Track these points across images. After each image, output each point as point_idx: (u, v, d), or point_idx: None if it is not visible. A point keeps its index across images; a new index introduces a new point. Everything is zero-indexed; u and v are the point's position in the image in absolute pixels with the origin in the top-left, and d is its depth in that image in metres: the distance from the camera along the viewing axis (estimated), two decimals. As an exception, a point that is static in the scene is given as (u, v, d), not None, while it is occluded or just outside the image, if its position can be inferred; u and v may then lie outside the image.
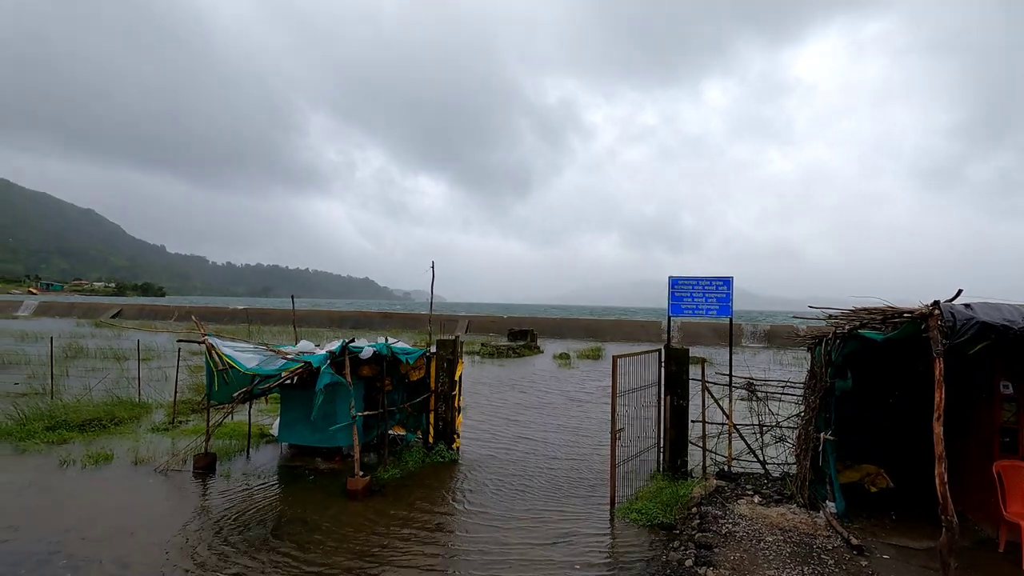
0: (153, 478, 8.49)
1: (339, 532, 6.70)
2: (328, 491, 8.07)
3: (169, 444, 10.09)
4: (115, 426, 11.28)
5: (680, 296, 8.78)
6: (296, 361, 8.23)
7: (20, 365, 18.72)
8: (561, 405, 15.35)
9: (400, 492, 8.12)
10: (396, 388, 10.14)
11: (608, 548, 6.39)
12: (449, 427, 10.02)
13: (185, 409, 12.48)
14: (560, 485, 8.58)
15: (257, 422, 10.88)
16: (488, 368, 23.41)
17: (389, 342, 9.30)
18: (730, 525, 6.33)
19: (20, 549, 6.00)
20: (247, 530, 6.69)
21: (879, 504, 6.96)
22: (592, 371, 23.05)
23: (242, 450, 9.95)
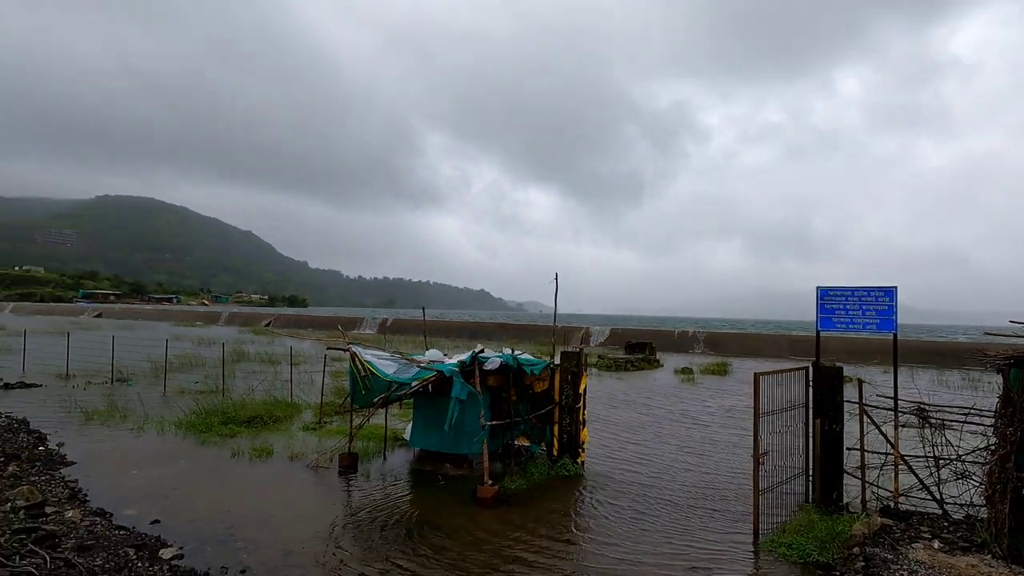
0: (305, 473, 9.33)
1: (470, 538, 6.85)
2: (458, 497, 8.32)
3: (316, 442, 11.06)
4: (273, 423, 12.61)
5: (831, 308, 7.91)
6: (429, 370, 8.63)
7: (198, 367, 21.72)
8: (685, 424, 14.55)
9: (527, 503, 8.14)
10: (520, 399, 10.24)
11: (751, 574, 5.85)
12: (574, 441, 9.90)
13: (329, 411, 13.64)
14: (691, 510, 8.06)
15: (391, 426, 11.57)
16: (607, 381, 22.93)
17: (515, 353, 9.43)
18: (905, 572, 5.51)
19: (205, 529, 6.86)
20: (387, 528, 7.09)
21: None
22: (717, 388, 21.65)
23: (379, 452, 10.62)
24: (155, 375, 18.92)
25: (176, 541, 6.41)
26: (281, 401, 14.49)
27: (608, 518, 7.69)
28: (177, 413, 12.98)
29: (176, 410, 13.37)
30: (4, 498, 6.92)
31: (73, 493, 7.82)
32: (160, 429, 11.90)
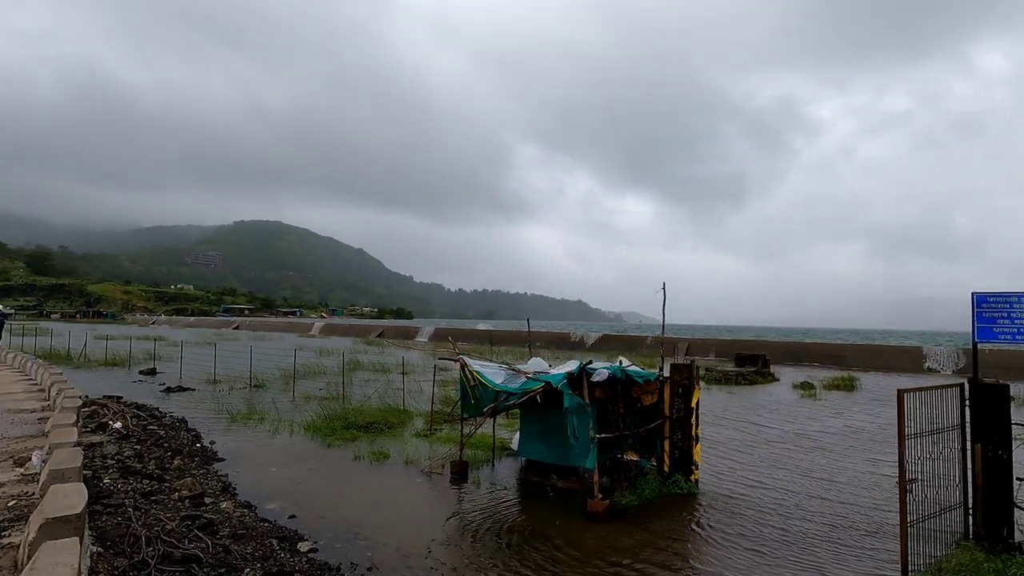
0: (420, 478, 9.76)
1: (583, 551, 6.77)
2: (567, 510, 8.26)
3: (428, 449, 11.54)
4: (388, 429, 13.35)
5: (991, 317, 6.93)
6: (537, 380, 8.70)
7: (320, 375, 23.58)
8: (806, 445, 13.35)
9: (639, 520, 7.90)
10: (628, 412, 9.99)
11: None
12: (686, 457, 9.48)
13: (439, 419, 14.19)
14: (818, 543, 7.32)
15: (498, 436, 11.79)
16: (716, 395, 21.73)
17: (623, 365, 9.25)
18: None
19: (334, 526, 7.40)
20: (500, 536, 7.21)
21: None
22: (842, 405, 19.70)
23: (487, 461, 10.85)
24: (285, 382, 20.81)
25: (311, 536, 6.97)
26: (394, 408, 15.31)
27: (725, 544, 7.23)
28: (305, 417, 14.17)
29: (304, 414, 14.60)
30: (173, 488, 7.94)
31: (225, 486, 8.78)
32: (291, 431, 13.04)
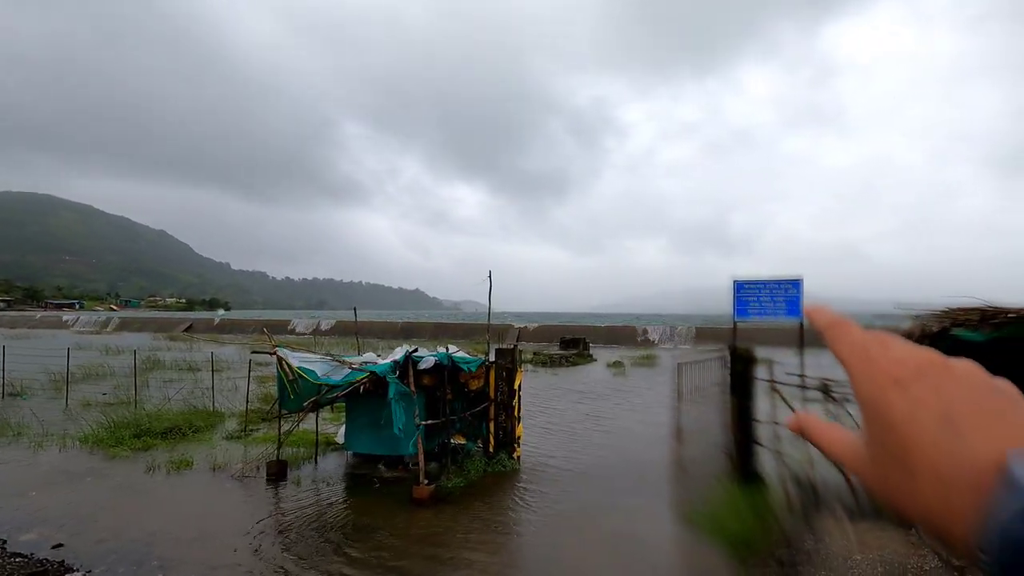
0: (230, 483, 8.88)
1: (408, 538, 6.79)
2: (395, 498, 8.21)
3: (242, 451, 10.55)
4: (193, 434, 11.89)
5: (745, 300, 8.46)
6: (362, 371, 8.45)
7: (106, 377, 20.08)
8: (618, 413, 15.07)
9: (465, 500, 8.16)
10: (456, 397, 10.23)
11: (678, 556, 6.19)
12: (509, 436, 10.01)
13: (255, 418, 13.03)
14: (624, 491, 8.41)
15: (323, 431, 11.22)
16: (542, 377, 23.31)
17: (450, 351, 9.41)
18: (814, 541, 6.00)
19: (117, 549, 6.39)
20: (321, 534, 6.89)
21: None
22: (647, 378, 22.56)
23: (310, 458, 10.27)
24: (56, 388, 17.32)
25: (83, 565, 5.94)
26: (202, 410, 13.68)
27: (542, 507, 7.85)
28: (82, 427, 11.96)
29: (81, 424, 12.31)
30: None
31: (-43, 522, 7.04)
32: (62, 445, 10.91)
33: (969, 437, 0.45)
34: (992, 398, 0.45)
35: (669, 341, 41.78)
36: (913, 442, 0.45)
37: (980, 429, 0.45)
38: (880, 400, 0.45)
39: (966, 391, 0.45)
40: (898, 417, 0.45)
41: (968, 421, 0.45)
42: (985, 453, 0.45)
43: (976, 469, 0.45)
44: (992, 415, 0.45)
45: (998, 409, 0.45)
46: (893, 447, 0.45)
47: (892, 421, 0.45)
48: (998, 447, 0.45)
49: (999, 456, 0.45)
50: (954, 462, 0.45)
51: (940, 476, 0.45)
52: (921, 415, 0.45)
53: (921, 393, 0.45)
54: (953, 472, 0.45)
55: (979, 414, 0.45)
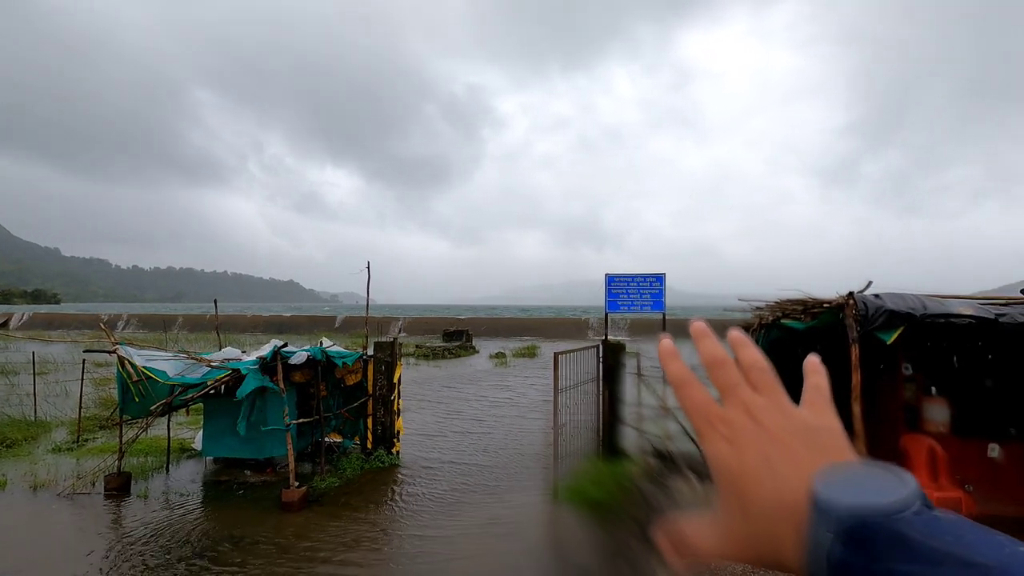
0: (56, 504, 7.68)
1: (275, 546, 6.35)
2: (261, 505, 7.64)
3: (74, 465, 9.18)
4: (7, 448, 10.11)
5: (616, 293, 9.04)
6: (222, 368, 7.73)
7: None
8: (500, 402, 15.38)
9: (339, 501, 7.82)
10: (332, 394, 9.75)
11: (552, 532, 6.48)
12: (388, 431, 9.77)
13: (91, 425, 11.40)
14: (503, 479, 8.60)
15: (177, 436, 10.12)
16: (424, 369, 23.07)
17: (324, 345, 8.94)
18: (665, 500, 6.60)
19: None
20: (170, 552, 6.20)
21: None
22: (528, 368, 23.28)
23: (161, 467, 9.21)
24: None
25: None
26: (19, 420, 11.68)
27: (422, 502, 7.78)
28: None
29: None
30: None
31: None
32: None
33: (782, 471, 0.50)
34: (802, 434, 0.51)
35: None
36: (746, 488, 0.50)
37: (790, 463, 0.50)
38: (719, 457, 0.50)
39: (778, 433, 0.50)
40: (733, 469, 0.50)
41: (779, 458, 0.50)
42: (796, 483, 0.50)
43: (792, 499, 0.50)
44: (801, 449, 0.50)
45: (808, 442, 0.50)
46: (734, 497, 0.51)
47: (730, 474, 0.50)
48: (806, 475, 0.50)
49: (806, 482, 0.50)
50: (775, 497, 0.50)
51: (767, 514, 0.50)
52: (747, 464, 0.50)
53: (745, 445, 0.50)
54: (776, 507, 0.50)
55: (786, 450, 0.50)
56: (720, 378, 0.51)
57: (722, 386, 0.51)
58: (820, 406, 0.51)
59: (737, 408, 0.51)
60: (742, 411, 0.51)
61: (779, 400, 0.51)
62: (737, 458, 0.50)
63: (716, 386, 0.51)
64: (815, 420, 0.51)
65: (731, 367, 0.51)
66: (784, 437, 0.51)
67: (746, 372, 0.51)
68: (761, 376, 0.51)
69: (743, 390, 0.51)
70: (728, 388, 0.51)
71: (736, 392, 0.51)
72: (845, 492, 0.50)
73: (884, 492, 0.51)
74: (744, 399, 0.51)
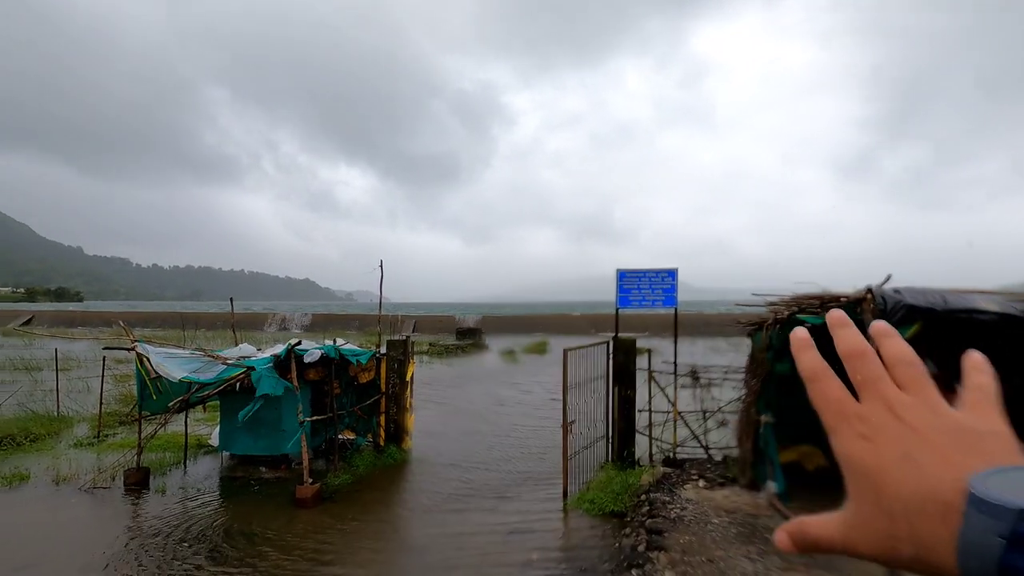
0: (78, 497, 7.84)
1: (289, 541, 6.42)
2: (276, 501, 7.73)
3: (95, 460, 9.37)
4: (31, 443, 10.35)
5: (628, 288, 8.96)
6: (238, 366, 7.82)
7: (-87, 382, 16.84)
8: (507, 401, 15.39)
9: (352, 497, 7.89)
10: (345, 391, 9.82)
11: (562, 538, 6.45)
12: (400, 428, 9.83)
13: (111, 421, 11.63)
14: (512, 479, 8.59)
15: (194, 432, 10.27)
16: (437, 367, 23.17)
17: (337, 343, 9.00)
18: (678, 510, 6.53)
19: (-78, 585, 5.39)
20: (188, 547, 6.30)
21: (816, 482, 7.37)
22: (538, 365, 23.27)
23: (178, 463, 9.36)
24: None
25: None
26: (42, 415, 11.94)
27: (432, 499, 7.81)
28: None
29: None
30: None
31: None
32: None
33: (930, 470, 0.48)
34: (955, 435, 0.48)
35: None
36: (884, 485, 0.48)
37: (940, 462, 0.48)
38: (853, 454, 0.48)
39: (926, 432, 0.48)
40: (870, 466, 0.48)
41: (926, 456, 0.48)
42: (945, 482, 0.48)
43: (940, 498, 0.48)
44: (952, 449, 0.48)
45: (962, 444, 0.48)
46: (869, 494, 0.48)
47: (865, 471, 0.48)
48: (957, 474, 0.48)
49: (960, 482, 0.48)
50: (919, 494, 0.48)
51: (910, 511, 0.48)
52: (886, 460, 0.48)
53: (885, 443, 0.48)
54: (920, 504, 0.48)
55: (935, 449, 0.48)
56: (859, 371, 0.48)
57: (861, 380, 0.48)
58: (983, 408, 0.48)
59: (877, 404, 0.48)
60: (883, 407, 0.48)
61: (930, 398, 0.48)
62: (875, 455, 0.48)
63: (854, 380, 0.48)
64: (975, 423, 0.48)
65: (872, 359, 0.48)
66: (933, 436, 0.48)
67: (891, 367, 0.48)
68: (908, 371, 0.48)
69: (885, 385, 0.48)
70: (868, 383, 0.48)
71: (877, 387, 0.48)
72: (1016, 495, 0.47)
73: None
74: (886, 394, 0.48)
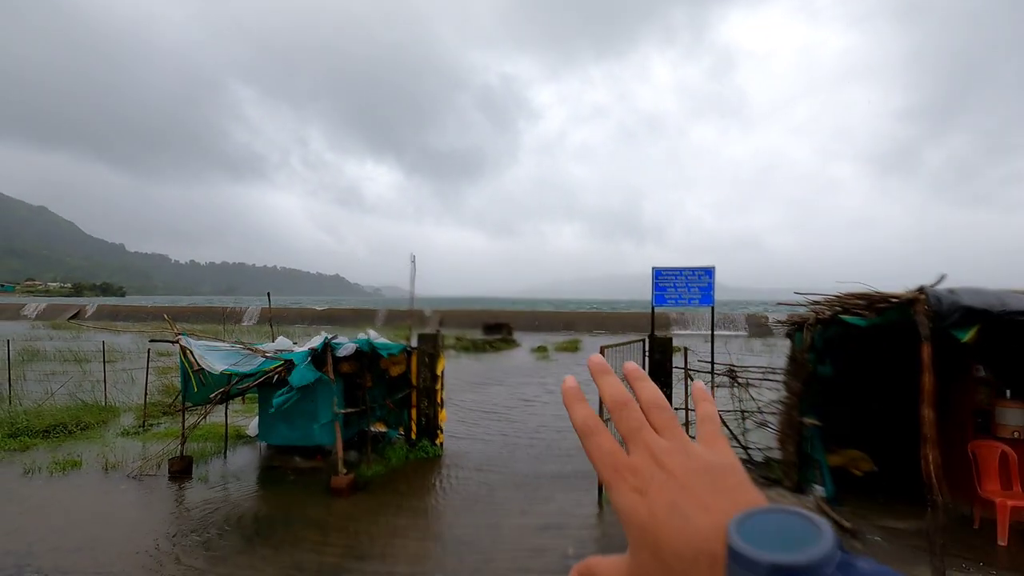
0: (126, 484, 8.15)
1: (325, 529, 6.55)
2: (311, 490, 7.89)
3: (141, 448, 9.72)
4: (81, 431, 10.80)
5: (663, 287, 8.84)
6: (275, 359, 8.00)
7: (-27, 370, 17.75)
8: (541, 398, 15.37)
9: (385, 488, 8.00)
10: (376, 384, 9.96)
11: (598, 533, 6.41)
12: (432, 422, 9.91)
13: (155, 412, 12.04)
14: (545, 475, 8.57)
15: (233, 423, 10.57)
16: (465, 362, 23.30)
17: (370, 337, 9.13)
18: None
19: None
20: (230, 532, 6.49)
21: (864, 487, 7.14)
22: (571, 363, 23.16)
23: (219, 452, 9.65)
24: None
25: (-57, 583, 5.23)
26: (92, 404, 12.45)
27: (466, 493, 7.85)
28: (-59, 428, 10.50)
29: (-60, 425, 10.81)
30: None
31: None
32: (-84, 450, 9.54)
33: (695, 520, 0.49)
34: (706, 475, 0.49)
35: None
36: (658, 536, 0.49)
37: (701, 510, 0.49)
38: (628, 509, 0.50)
39: (684, 478, 0.49)
40: (644, 520, 0.49)
41: (689, 504, 0.49)
42: (710, 531, 0.49)
43: (707, 549, 0.49)
44: (708, 493, 0.49)
45: (713, 484, 0.49)
46: (648, 546, 0.50)
47: (642, 524, 0.49)
48: (717, 521, 0.49)
49: (720, 531, 0.49)
50: (687, 542, 0.49)
51: (682, 558, 0.49)
52: (658, 513, 0.49)
53: (654, 494, 0.49)
54: (693, 557, 0.49)
55: (693, 494, 0.49)
56: (623, 422, 0.49)
57: (626, 431, 0.49)
58: (714, 439, 0.50)
59: (643, 453, 0.49)
60: (648, 456, 0.49)
61: (681, 440, 0.50)
62: (647, 508, 0.49)
63: (620, 431, 0.49)
64: (714, 458, 0.50)
65: (633, 409, 0.49)
66: (690, 481, 0.49)
67: (647, 411, 0.49)
68: (661, 415, 0.49)
69: (647, 433, 0.49)
70: (632, 432, 0.49)
71: (640, 436, 0.49)
72: (765, 544, 0.49)
73: (803, 542, 0.49)
74: (648, 442, 0.49)
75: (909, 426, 5.76)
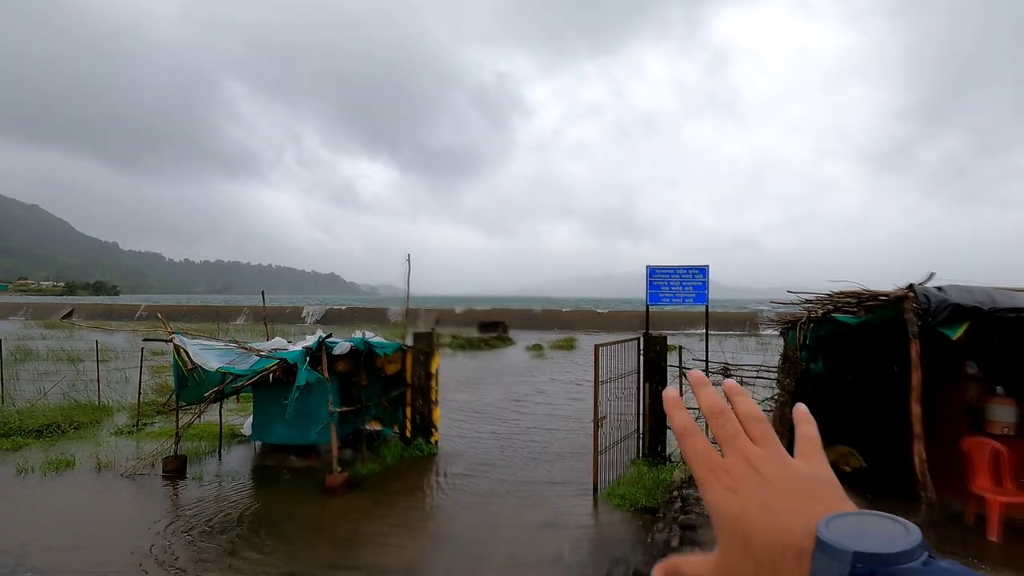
0: (120, 483, 8.13)
1: (319, 527, 6.56)
2: (306, 489, 7.89)
3: (134, 447, 9.69)
4: (74, 430, 10.76)
5: (657, 285, 8.86)
6: (271, 358, 7.99)
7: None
8: (536, 397, 15.38)
9: (379, 486, 8.00)
10: (372, 383, 9.95)
11: (594, 532, 6.43)
12: (426, 421, 9.91)
13: (149, 411, 12.00)
14: (539, 474, 8.58)
15: (228, 422, 10.54)
16: (460, 361, 23.29)
17: (365, 336, 9.12)
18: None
19: (-23, 563, 5.66)
20: (225, 531, 6.48)
21: (854, 483, 7.17)
22: (566, 361, 23.20)
23: (213, 451, 9.63)
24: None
25: (-65, 583, 5.21)
26: (85, 404, 12.39)
27: (461, 491, 7.86)
28: (-67, 428, 10.43)
29: (-69, 425, 10.73)
30: None
31: None
32: (-93, 450, 9.48)
33: (785, 518, 0.53)
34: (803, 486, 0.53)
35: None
36: (748, 531, 0.53)
37: (792, 510, 0.53)
38: (722, 505, 0.53)
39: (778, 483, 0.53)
40: (736, 515, 0.53)
41: (781, 505, 0.53)
42: (798, 528, 0.53)
43: (794, 543, 0.53)
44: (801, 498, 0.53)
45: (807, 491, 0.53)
46: (738, 539, 0.53)
47: (733, 518, 0.53)
48: (807, 521, 0.53)
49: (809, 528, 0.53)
50: (779, 541, 0.53)
51: (773, 556, 0.53)
52: (750, 510, 0.53)
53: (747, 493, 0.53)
54: (780, 550, 0.53)
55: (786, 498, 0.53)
56: (720, 428, 0.53)
57: (722, 436, 0.53)
58: (813, 456, 0.53)
59: (737, 458, 0.53)
60: (742, 461, 0.53)
61: (776, 451, 0.53)
62: (739, 505, 0.53)
63: (716, 436, 0.53)
64: (811, 470, 0.53)
65: (730, 417, 0.53)
66: (783, 485, 0.53)
67: (744, 423, 0.53)
68: (758, 427, 0.53)
69: (742, 441, 0.53)
70: (728, 439, 0.53)
71: (736, 442, 0.53)
72: (853, 539, 0.53)
73: (891, 541, 0.53)
74: (744, 449, 0.53)
75: (900, 423, 5.80)
